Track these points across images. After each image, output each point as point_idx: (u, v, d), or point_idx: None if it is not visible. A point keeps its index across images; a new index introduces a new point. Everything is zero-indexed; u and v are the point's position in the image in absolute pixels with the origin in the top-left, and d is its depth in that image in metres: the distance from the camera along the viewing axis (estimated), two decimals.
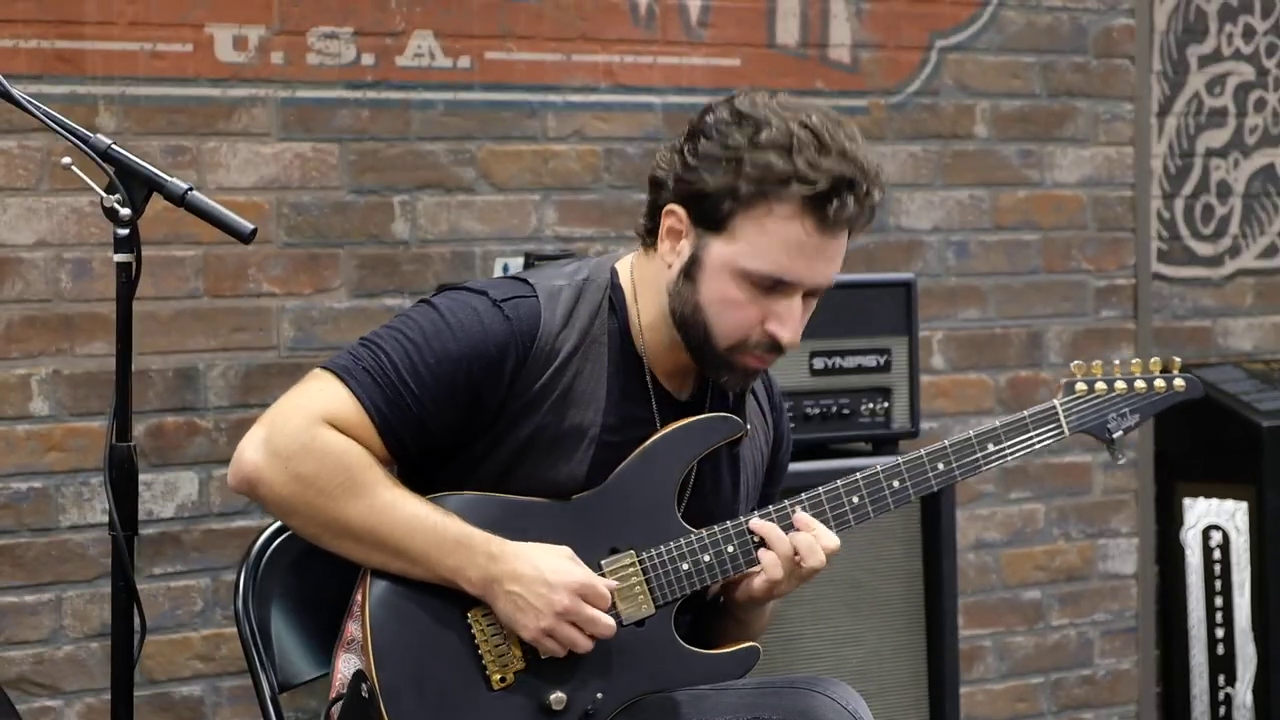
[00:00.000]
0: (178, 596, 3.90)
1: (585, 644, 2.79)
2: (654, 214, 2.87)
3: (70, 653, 3.81)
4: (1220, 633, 4.99)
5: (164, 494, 3.88)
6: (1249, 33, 5.29)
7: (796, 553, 2.86)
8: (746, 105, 2.81)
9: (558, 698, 2.81)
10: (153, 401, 3.86)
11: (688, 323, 2.83)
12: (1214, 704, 5.01)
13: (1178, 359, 3.07)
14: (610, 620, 2.79)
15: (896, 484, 2.93)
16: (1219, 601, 4.99)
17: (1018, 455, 2.99)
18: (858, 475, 2.91)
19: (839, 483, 2.91)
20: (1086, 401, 3.03)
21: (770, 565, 2.87)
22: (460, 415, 2.81)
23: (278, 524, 3.12)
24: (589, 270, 2.91)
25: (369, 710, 2.75)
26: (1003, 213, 4.86)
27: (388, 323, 2.87)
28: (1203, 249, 5.22)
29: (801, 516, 2.89)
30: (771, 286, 2.78)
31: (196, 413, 3.91)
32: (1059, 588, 4.95)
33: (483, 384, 2.79)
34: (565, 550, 2.80)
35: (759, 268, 2.77)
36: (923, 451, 2.94)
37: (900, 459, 2.94)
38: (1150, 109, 5.10)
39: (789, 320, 2.80)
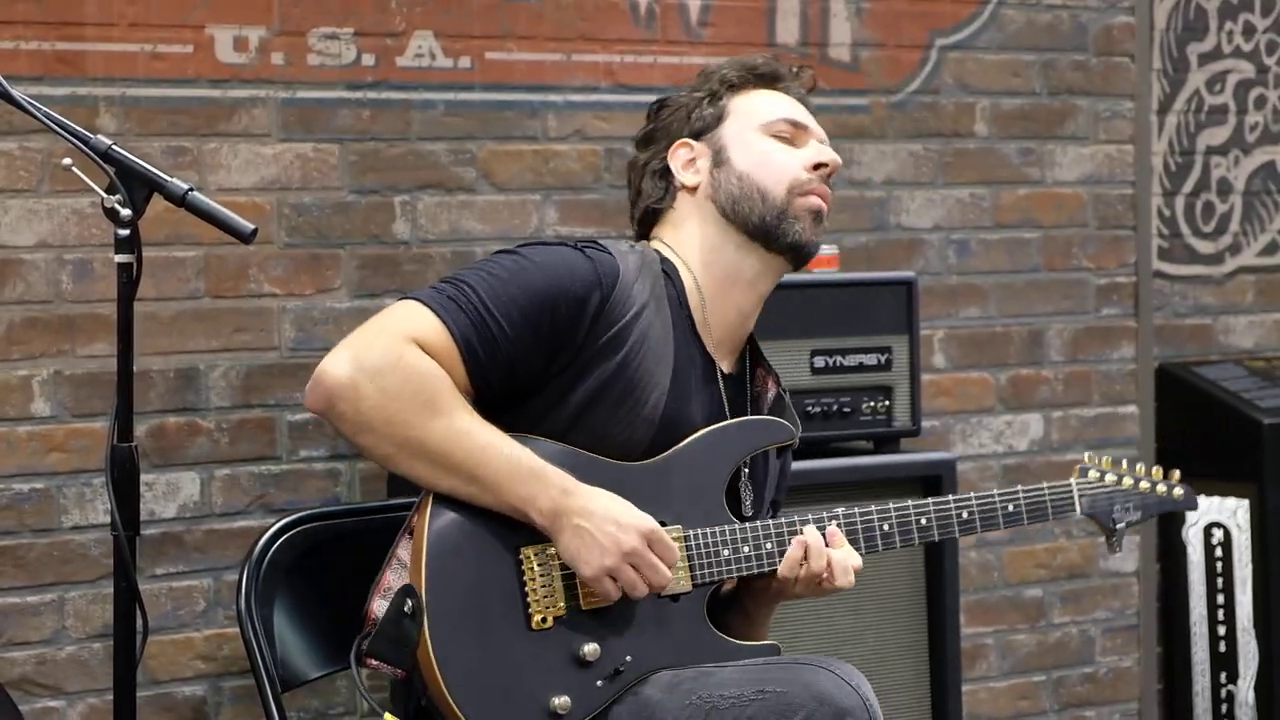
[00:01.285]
0: (179, 597, 3.90)
1: (643, 589, 2.83)
2: (652, 195, 3.12)
3: (72, 653, 3.81)
4: (1222, 630, 4.99)
5: (165, 494, 3.88)
6: (1249, 30, 5.29)
7: (829, 567, 2.98)
8: None
9: (592, 649, 2.85)
10: (154, 402, 3.86)
11: (739, 199, 3.04)
12: (1216, 701, 5.01)
13: (1177, 472, 3.31)
14: (668, 572, 2.84)
15: (924, 521, 3.09)
16: (1220, 599, 4.99)
17: (1034, 520, 3.19)
18: (891, 505, 3.06)
19: (874, 508, 3.06)
20: (1098, 488, 3.23)
21: (791, 566, 2.96)
22: (543, 351, 2.87)
23: (281, 524, 3.14)
24: (640, 248, 3.06)
25: (409, 626, 2.77)
26: (1003, 211, 4.86)
27: (470, 265, 2.98)
28: (1203, 247, 5.22)
29: (834, 531, 3.02)
30: (790, 137, 3.08)
31: (198, 413, 3.92)
32: (1060, 586, 4.95)
33: (566, 321, 2.87)
34: (629, 502, 2.87)
35: (771, 116, 3.09)
36: (950, 499, 3.12)
37: (930, 501, 3.09)
38: (1150, 107, 5.10)
39: (821, 150, 3.10)
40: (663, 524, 2.90)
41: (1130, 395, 5.03)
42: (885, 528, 3.06)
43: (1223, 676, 5.00)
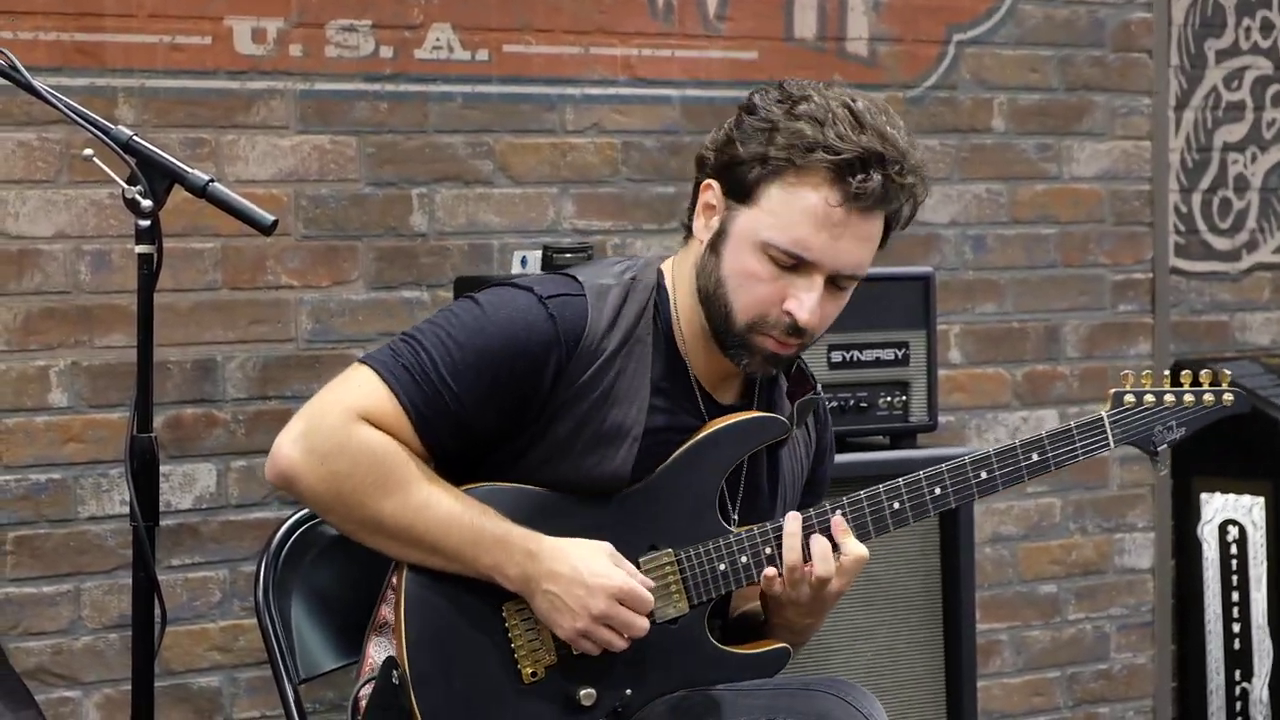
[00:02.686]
0: (195, 588, 3.91)
1: (621, 645, 2.78)
2: (695, 195, 2.87)
3: (89, 643, 3.81)
4: (1237, 628, 4.98)
5: (182, 485, 3.89)
6: (1267, 27, 5.28)
7: (808, 560, 2.82)
8: (795, 85, 2.82)
9: (588, 693, 2.81)
10: (171, 393, 3.86)
11: (710, 298, 2.81)
12: (1230, 699, 5.00)
13: (1228, 372, 3.05)
14: (645, 623, 2.79)
15: (939, 490, 2.90)
16: (1235, 596, 4.98)
17: (1062, 465, 2.96)
18: (900, 481, 2.89)
19: (881, 487, 2.89)
20: (1134, 413, 2.99)
21: (774, 575, 2.85)
22: (500, 413, 2.79)
23: (297, 515, 3.13)
24: (636, 271, 2.89)
25: (398, 697, 2.76)
26: (1020, 207, 4.85)
27: (430, 317, 2.85)
28: (1220, 243, 5.22)
29: (838, 521, 2.85)
30: (793, 265, 2.76)
31: (214, 404, 3.92)
32: (1075, 582, 4.95)
33: (524, 382, 2.78)
34: (606, 547, 2.79)
35: (779, 240, 2.75)
36: (966, 458, 2.92)
37: (944, 465, 2.91)
38: (1168, 103, 5.09)
39: (806, 300, 2.77)
40: (652, 548, 2.84)
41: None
42: (896, 505, 2.87)
43: (1237, 674, 4.99)
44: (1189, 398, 3.00)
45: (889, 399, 4.07)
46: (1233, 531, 4.99)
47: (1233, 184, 5.23)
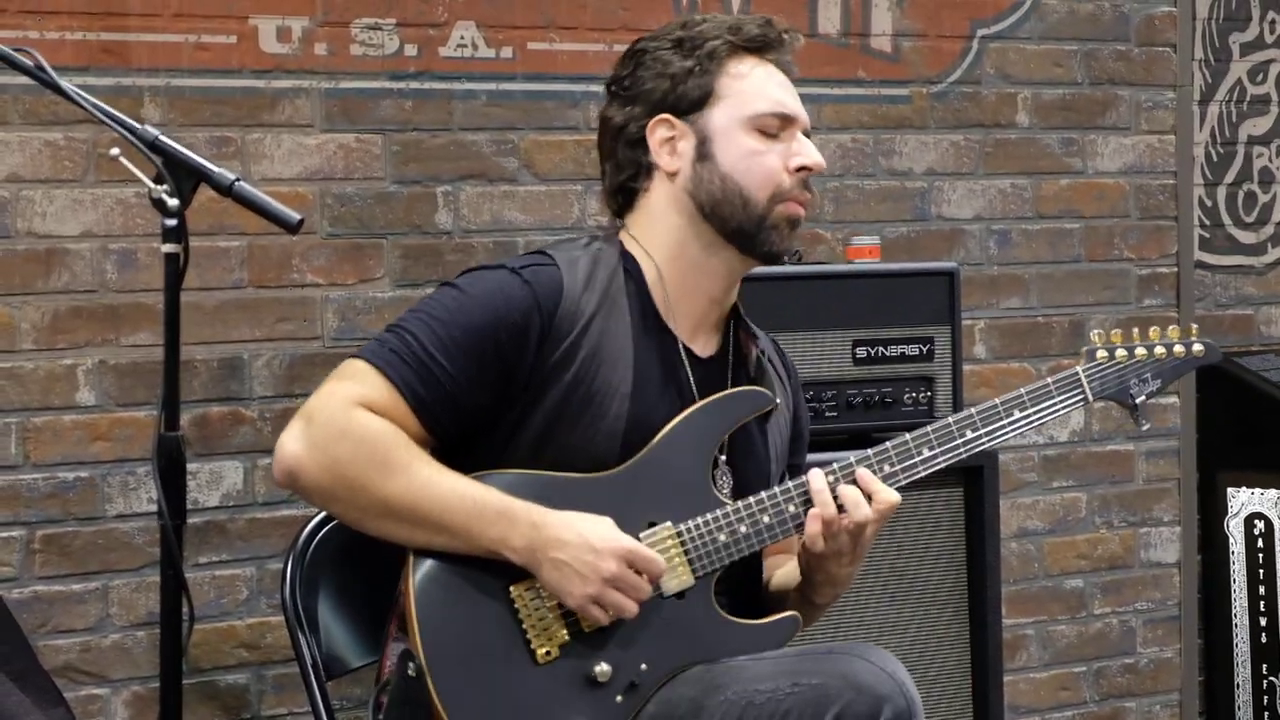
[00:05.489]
0: (223, 585, 3.92)
1: (632, 609, 2.82)
2: (627, 169, 3.02)
3: (117, 641, 3.82)
4: (1264, 621, 4.98)
5: (209, 483, 3.90)
6: None
7: (841, 508, 2.90)
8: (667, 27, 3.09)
9: (603, 670, 2.84)
10: (197, 391, 3.87)
11: (719, 200, 2.96)
12: (1257, 692, 5.00)
13: (1194, 325, 3.18)
14: (649, 586, 2.83)
15: (927, 451, 2.99)
16: (1262, 590, 4.98)
17: (1043, 420, 3.06)
18: (888, 445, 2.98)
19: (870, 451, 2.97)
20: (1108, 367, 3.11)
21: (812, 525, 2.92)
22: (492, 385, 2.85)
23: (323, 513, 3.15)
24: (599, 242, 3.02)
25: (417, 688, 2.78)
26: (1045, 201, 4.85)
27: (412, 307, 2.93)
28: (1245, 237, 5.21)
29: (863, 473, 2.94)
30: (777, 130, 2.97)
31: (241, 402, 3.93)
32: (1101, 576, 4.94)
33: (510, 351, 2.85)
34: (607, 519, 2.84)
35: (760, 107, 2.97)
36: (951, 420, 3.01)
37: (929, 427, 3.00)
38: (1192, 97, 5.09)
39: (807, 149, 2.99)
40: (651, 524, 2.89)
41: (1171, 386, 5.01)
42: (886, 468, 2.97)
43: (1265, 667, 4.99)
44: (1159, 350, 3.15)
45: (914, 394, 4.07)
46: (1259, 525, 4.98)
47: (1257, 177, 5.22)
